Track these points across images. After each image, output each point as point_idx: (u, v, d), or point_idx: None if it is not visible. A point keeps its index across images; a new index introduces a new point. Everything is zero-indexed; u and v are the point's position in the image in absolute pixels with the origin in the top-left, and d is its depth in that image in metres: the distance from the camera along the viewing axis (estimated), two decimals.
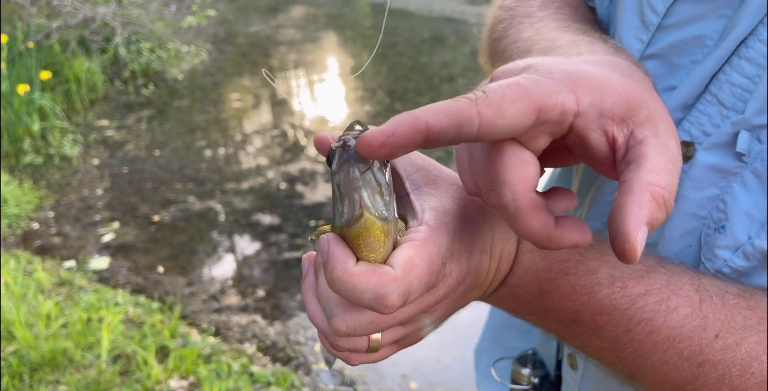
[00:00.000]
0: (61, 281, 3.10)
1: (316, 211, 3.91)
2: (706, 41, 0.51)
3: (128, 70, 6.62)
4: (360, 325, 0.40)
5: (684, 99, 0.51)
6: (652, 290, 0.43)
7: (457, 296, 0.45)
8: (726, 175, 0.48)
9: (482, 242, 0.44)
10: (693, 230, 0.50)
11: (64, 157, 4.82)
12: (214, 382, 2.36)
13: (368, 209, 0.39)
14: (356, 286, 0.37)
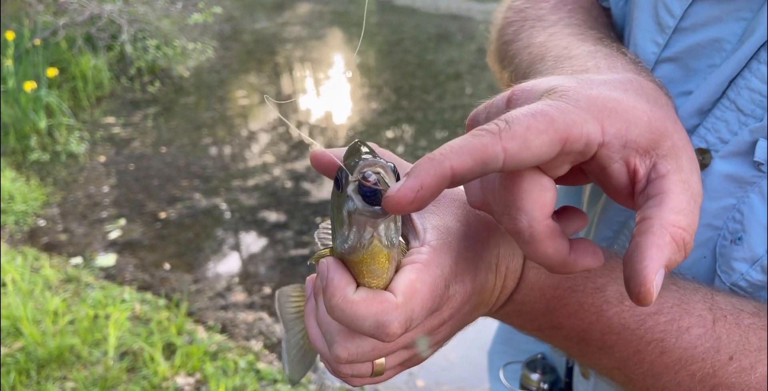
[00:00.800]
0: (68, 278, 3.10)
1: (322, 208, 3.90)
2: (724, 45, 0.50)
3: (134, 68, 6.63)
4: (362, 352, 0.39)
5: (700, 105, 0.49)
6: (663, 309, 0.42)
7: (461, 316, 0.44)
8: (743, 184, 0.46)
9: (487, 259, 0.42)
10: (707, 240, 0.48)
11: (70, 154, 4.84)
12: (221, 379, 2.36)
13: (380, 239, 0.37)
14: (356, 314, 0.36)
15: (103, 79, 6.24)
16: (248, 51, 8.18)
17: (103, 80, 6.25)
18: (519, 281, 0.44)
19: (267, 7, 11.31)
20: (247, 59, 7.76)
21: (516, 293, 0.45)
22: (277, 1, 11.84)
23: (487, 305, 0.45)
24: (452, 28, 8.84)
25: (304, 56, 7.82)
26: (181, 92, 6.47)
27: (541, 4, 0.63)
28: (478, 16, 9.44)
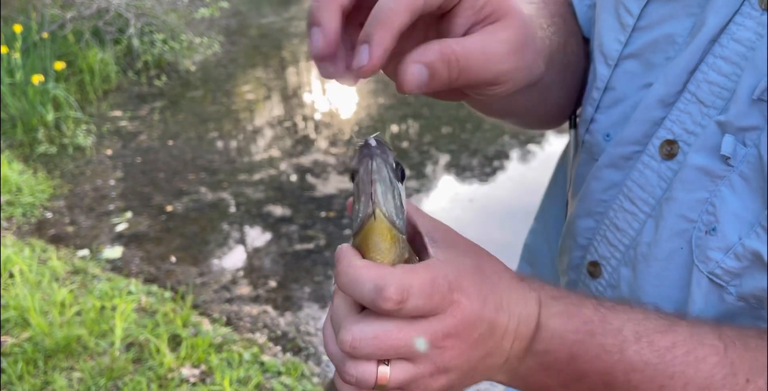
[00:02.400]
0: (75, 270, 3.13)
1: (327, 202, 3.92)
2: (677, 39, 0.54)
3: (141, 61, 6.65)
4: (365, 336, 0.41)
5: (661, 95, 0.52)
6: (678, 343, 0.44)
7: (470, 345, 0.43)
8: (714, 178, 0.48)
9: (497, 297, 0.44)
10: (683, 231, 0.50)
11: (77, 147, 4.86)
12: (226, 371, 2.38)
13: (379, 205, 0.41)
14: (358, 277, 0.40)
15: (110, 72, 6.27)
16: (255, 45, 8.18)
17: (110, 74, 6.27)
18: (536, 329, 0.45)
19: (273, 2, 11.31)
20: (253, 54, 7.77)
21: (537, 344, 0.45)
22: None
23: (501, 353, 0.45)
24: None
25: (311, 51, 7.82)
26: (188, 86, 6.48)
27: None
28: None
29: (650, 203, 0.54)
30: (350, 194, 0.44)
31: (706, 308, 0.50)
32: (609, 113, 0.60)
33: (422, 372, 0.43)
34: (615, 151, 0.57)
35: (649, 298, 0.54)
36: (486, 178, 4.32)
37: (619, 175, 0.57)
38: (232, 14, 9.36)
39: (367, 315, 0.43)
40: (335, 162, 4.54)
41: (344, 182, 4.19)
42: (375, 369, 0.42)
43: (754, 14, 0.47)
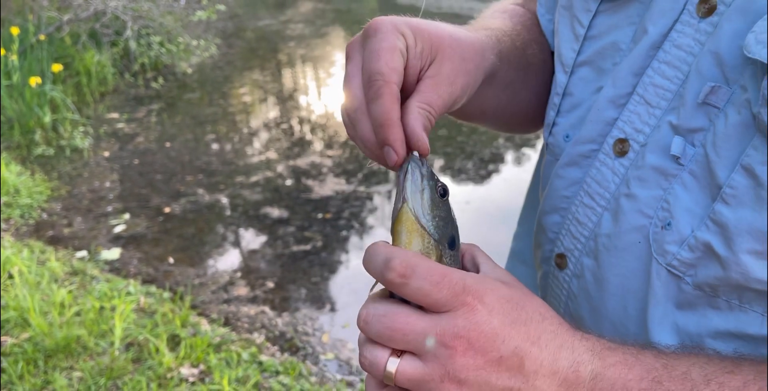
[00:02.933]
0: (73, 271, 3.15)
1: (324, 204, 3.95)
2: (621, 46, 0.59)
3: (138, 64, 6.67)
4: (376, 312, 0.46)
5: (611, 97, 0.57)
6: (749, 382, 0.44)
7: (489, 363, 0.44)
8: (668, 177, 0.52)
9: (533, 331, 0.45)
10: (641, 227, 0.54)
11: (75, 149, 4.88)
12: (224, 370, 2.41)
13: (407, 201, 0.48)
14: (376, 250, 0.46)
15: (106, 74, 6.28)
16: (251, 48, 8.21)
17: (107, 76, 6.29)
18: (591, 380, 0.45)
19: (269, 5, 11.34)
20: (250, 56, 7.80)
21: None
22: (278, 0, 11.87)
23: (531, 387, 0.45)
24: None
25: (307, 54, 7.86)
26: (185, 88, 6.51)
27: (494, 13, 0.78)
28: None
29: (606, 197, 0.58)
30: (347, 196, 0.50)
31: (666, 296, 0.52)
32: (568, 116, 0.65)
33: (431, 374, 0.44)
34: (574, 151, 0.61)
35: (612, 287, 0.57)
36: (482, 180, 4.36)
37: (579, 173, 0.61)
38: (229, 17, 9.39)
39: (386, 298, 0.47)
40: (332, 164, 4.58)
41: (341, 184, 4.22)
42: (386, 356, 0.45)
43: (692, 22, 0.52)
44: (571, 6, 0.64)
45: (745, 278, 0.47)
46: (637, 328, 0.55)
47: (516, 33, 0.71)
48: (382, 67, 0.50)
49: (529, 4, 0.82)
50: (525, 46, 0.71)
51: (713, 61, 0.49)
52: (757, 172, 0.45)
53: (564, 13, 0.65)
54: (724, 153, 0.47)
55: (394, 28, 0.53)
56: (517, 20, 0.75)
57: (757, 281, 0.46)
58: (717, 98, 0.49)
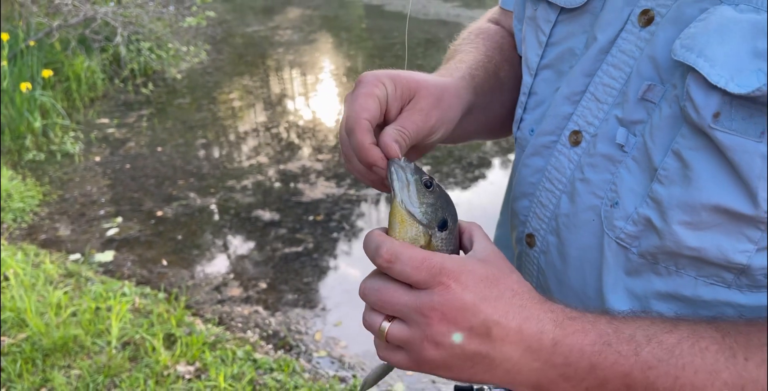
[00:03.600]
0: (68, 273, 3.19)
1: (314, 207, 4.02)
2: (576, 51, 0.68)
3: (128, 69, 6.71)
4: (372, 286, 0.57)
5: (567, 95, 0.67)
6: (683, 338, 0.51)
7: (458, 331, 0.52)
8: (614, 162, 0.60)
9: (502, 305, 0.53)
10: (594, 206, 0.62)
11: (65, 153, 4.91)
12: (220, 367, 2.47)
13: (396, 196, 0.57)
14: (370, 237, 0.56)
15: (96, 80, 6.32)
16: (240, 54, 8.28)
17: (97, 81, 6.32)
18: (552, 346, 0.52)
19: (257, 11, 11.42)
20: (239, 62, 7.86)
21: (556, 357, 0.52)
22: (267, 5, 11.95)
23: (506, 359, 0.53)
24: (441, 33, 9.00)
25: (295, 60, 7.94)
26: (175, 94, 6.55)
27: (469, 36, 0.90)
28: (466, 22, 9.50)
29: (563, 182, 0.66)
30: (337, 199, 0.60)
31: (616, 265, 0.61)
32: (533, 113, 0.74)
33: (414, 336, 0.54)
34: (537, 142, 0.70)
35: (572, 260, 0.66)
36: (469, 184, 4.46)
37: (542, 162, 0.69)
38: (218, 23, 9.45)
39: (383, 276, 0.57)
40: (322, 168, 4.65)
41: (331, 187, 4.30)
42: (380, 320, 0.56)
43: (634, 31, 0.60)
44: (535, 17, 0.73)
45: (678, 246, 0.56)
46: (594, 294, 0.64)
47: (488, 59, 0.82)
48: (355, 108, 0.62)
49: (503, 20, 0.92)
50: (497, 69, 0.82)
51: (650, 63, 0.58)
52: (684, 156, 0.53)
53: (530, 23, 0.75)
54: (659, 141, 0.56)
55: (375, 79, 0.64)
56: (491, 44, 0.86)
57: (688, 248, 0.55)
58: (653, 95, 0.57)
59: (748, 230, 0.52)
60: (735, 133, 0.50)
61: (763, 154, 0.49)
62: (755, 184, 0.50)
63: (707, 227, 0.54)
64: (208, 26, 7.78)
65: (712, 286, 0.57)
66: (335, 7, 11.64)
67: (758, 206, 0.50)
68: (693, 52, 0.51)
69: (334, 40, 9.32)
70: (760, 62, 0.48)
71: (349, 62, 7.98)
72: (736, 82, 0.49)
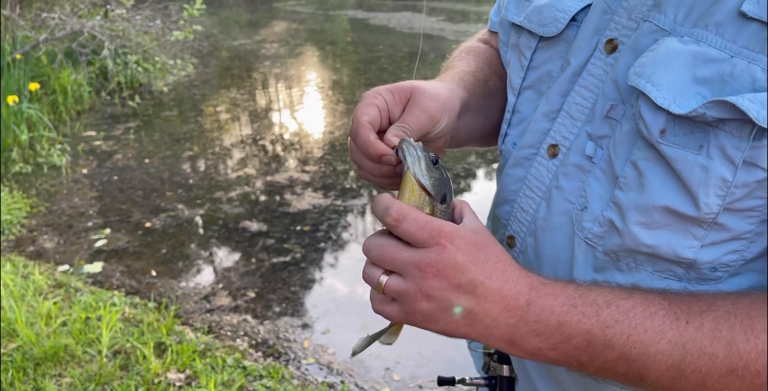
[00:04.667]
0: (57, 284, 3.21)
1: (301, 217, 4.08)
2: (553, 74, 0.76)
3: (114, 82, 6.75)
4: (375, 243, 0.63)
5: (545, 112, 0.75)
6: (636, 304, 0.59)
7: (452, 287, 0.58)
8: (585, 172, 0.68)
9: (488, 268, 0.60)
10: (567, 211, 0.70)
11: (52, 166, 4.93)
12: (210, 375, 2.51)
13: (410, 168, 0.65)
14: (381, 199, 0.63)
15: (83, 93, 6.35)
16: (226, 67, 8.35)
17: (83, 94, 6.36)
18: (527, 305, 0.60)
19: (244, 25, 11.51)
20: (225, 75, 7.93)
21: (529, 315, 0.60)
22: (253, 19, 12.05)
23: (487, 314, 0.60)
24: (425, 47, 9.14)
25: (282, 73, 8.02)
26: (162, 107, 6.60)
27: (462, 50, 1.00)
28: (450, 37, 9.77)
29: (542, 189, 0.74)
30: (324, 209, 0.67)
31: (585, 263, 0.69)
32: (516, 128, 0.82)
33: (409, 288, 0.60)
34: (519, 154, 0.78)
35: (546, 259, 0.73)
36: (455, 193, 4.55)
37: (522, 172, 0.77)
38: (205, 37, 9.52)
39: (386, 234, 0.64)
40: (308, 179, 4.72)
41: (318, 198, 4.36)
42: (379, 274, 0.63)
43: (601, 57, 0.69)
44: (518, 44, 0.82)
45: (636, 244, 0.64)
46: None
47: (478, 70, 0.91)
48: (357, 115, 0.71)
49: (492, 41, 1.02)
50: (487, 79, 0.91)
51: (614, 86, 0.66)
52: (639, 165, 0.62)
53: (514, 49, 0.84)
54: (620, 153, 0.64)
55: (373, 92, 0.74)
56: (480, 59, 0.96)
57: (644, 245, 0.63)
58: (615, 113, 0.66)
59: (693, 228, 0.61)
60: (678, 146, 0.58)
61: (701, 165, 0.57)
62: (696, 189, 0.58)
63: (659, 226, 0.62)
64: (195, 40, 7.85)
65: (666, 280, 0.65)
66: (321, 21, 11.77)
67: (699, 209, 0.59)
68: (643, 78, 0.59)
69: (320, 53, 9.43)
70: (699, 87, 0.56)
71: (335, 75, 8.08)
72: (677, 103, 0.56)
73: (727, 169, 0.56)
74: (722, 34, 0.57)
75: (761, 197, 0.57)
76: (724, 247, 0.61)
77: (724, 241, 0.61)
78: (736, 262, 0.62)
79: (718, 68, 0.56)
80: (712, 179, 0.57)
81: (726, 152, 0.56)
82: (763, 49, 0.54)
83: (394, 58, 8.49)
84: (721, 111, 0.54)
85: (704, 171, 0.57)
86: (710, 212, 0.58)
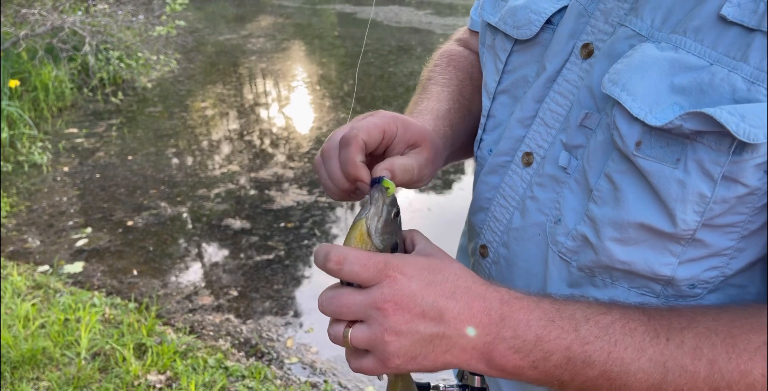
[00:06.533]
0: (36, 285, 3.16)
1: (285, 214, 4.04)
2: (529, 78, 0.73)
3: (96, 79, 6.66)
4: (327, 296, 0.58)
5: (520, 119, 0.71)
6: (616, 320, 0.57)
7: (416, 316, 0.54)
8: (560, 183, 0.65)
9: (448, 287, 0.56)
10: (540, 222, 0.67)
11: (33, 164, 4.86)
12: (191, 376, 2.48)
13: (366, 217, 0.60)
14: (321, 248, 0.58)
15: (64, 90, 6.26)
16: (212, 62, 8.26)
17: (65, 91, 6.26)
18: (500, 320, 0.56)
19: (229, 20, 11.40)
20: (210, 70, 7.85)
21: (505, 330, 0.56)
22: (239, 14, 11.94)
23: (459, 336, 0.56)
24: (413, 41, 9.09)
25: (268, 67, 7.95)
26: (145, 103, 6.52)
27: (441, 63, 0.94)
28: (438, 30, 9.72)
29: (516, 199, 0.71)
30: (308, 206, 0.63)
31: (559, 277, 0.65)
32: (491, 134, 0.78)
33: (375, 331, 0.55)
34: (494, 161, 0.75)
35: (519, 270, 0.70)
36: (442, 189, 4.53)
37: (497, 179, 0.74)
38: (189, 32, 9.42)
39: (335, 286, 0.60)
40: (293, 176, 4.67)
41: (302, 195, 4.32)
42: (342, 327, 0.58)
43: (577, 62, 0.65)
44: (493, 46, 0.78)
45: (611, 260, 0.60)
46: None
47: (459, 92, 0.87)
48: (362, 127, 0.65)
49: (471, 42, 0.97)
50: (470, 103, 0.87)
51: (588, 93, 0.62)
52: (614, 178, 0.58)
53: (489, 51, 0.80)
54: (594, 164, 0.61)
55: (391, 118, 0.69)
56: (461, 76, 0.91)
57: (620, 261, 0.60)
58: (590, 122, 0.62)
59: (670, 244, 0.57)
60: (654, 160, 0.54)
61: (678, 179, 0.53)
62: (672, 205, 0.55)
63: (635, 242, 0.59)
64: (179, 35, 7.76)
65: (643, 296, 0.62)
66: (308, 15, 11.68)
67: (676, 225, 0.55)
68: (618, 86, 0.55)
69: (307, 47, 9.35)
70: (676, 97, 0.52)
71: (322, 70, 8.02)
72: (654, 114, 0.53)
73: (705, 184, 0.53)
74: (701, 40, 0.53)
75: (742, 212, 0.54)
76: (703, 263, 0.58)
77: (703, 257, 0.58)
78: (716, 278, 0.59)
79: (696, 76, 0.52)
80: (689, 195, 0.54)
81: (704, 166, 0.52)
82: (745, 56, 0.50)
83: (380, 52, 8.44)
84: (699, 123, 0.51)
85: (681, 186, 0.54)
86: (688, 228, 0.55)
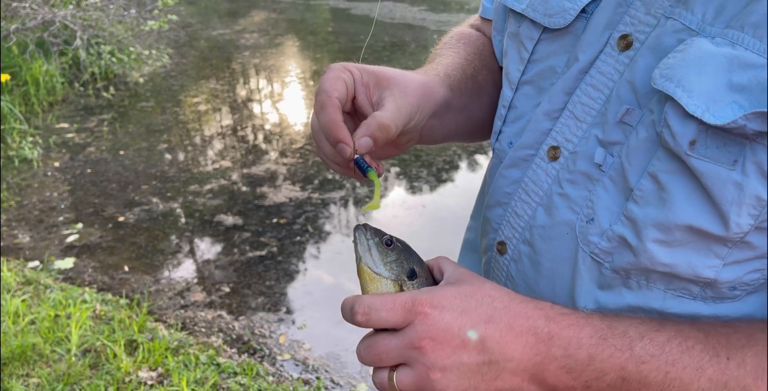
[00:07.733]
0: (26, 281, 3.14)
1: (277, 210, 4.03)
2: (557, 69, 0.70)
3: (88, 73, 6.60)
4: (364, 347, 0.59)
5: (547, 111, 0.69)
6: (671, 337, 0.55)
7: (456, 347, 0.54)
8: (593, 181, 0.63)
9: (484, 312, 0.55)
10: (569, 220, 0.65)
11: (23, 159, 4.82)
12: (183, 372, 2.46)
13: (361, 259, 0.62)
14: (345, 303, 0.59)
15: (55, 84, 6.20)
16: (204, 57, 8.21)
17: (56, 86, 6.21)
18: (548, 339, 0.55)
19: (222, 15, 11.34)
20: (203, 65, 7.80)
21: (555, 349, 0.55)
22: (232, 9, 11.87)
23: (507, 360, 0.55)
24: (407, 37, 9.07)
25: (261, 63, 7.91)
26: (137, 98, 6.47)
27: (450, 40, 0.92)
28: (432, 26, 9.70)
29: (539, 194, 0.68)
30: (301, 202, 0.62)
31: (589, 278, 0.63)
32: (512, 126, 0.76)
33: (419, 372, 0.55)
34: (515, 155, 0.72)
35: (545, 270, 0.68)
36: (436, 186, 4.52)
37: (519, 173, 0.71)
38: (181, 27, 9.36)
39: (369, 335, 0.60)
40: (286, 171, 4.66)
41: (295, 191, 4.31)
42: (386, 374, 0.57)
43: (613, 54, 0.63)
44: (518, 33, 0.75)
45: (652, 263, 0.59)
46: (565, 303, 0.65)
47: (468, 62, 0.84)
48: (325, 87, 0.65)
49: (484, 28, 0.95)
50: (476, 73, 0.84)
51: (629, 88, 0.60)
52: (660, 178, 0.56)
53: (513, 39, 0.76)
54: (635, 163, 0.58)
55: (341, 66, 0.68)
56: (471, 49, 0.88)
57: (662, 264, 0.58)
58: (631, 118, 0.60)
59: (716, 246, 0.56)
60: (709, 160, 0.52)
61: (735, 181, 0.52)
62: (727, 208, 0.53)
63: (679, 244, 0.57)
64: (171, 30, 7.70)
65: (680, 298, 0.61)
66: (301, 11, 11.63)
67: (729, 229, 0.54)
68: (672, 82, 0.53)
69: (300, 43, 9.32)
70: (735, 95, 0.50)
71: (315, 65, 7.99)
72: (711, 113, 0.51)
73: (764, 187, 0.51)
74: (761, 37, 0.51)
75: None
76: (747, 266, 0.57)
77: (748, 259, 0.57)
78: (757, 280, 0.58)
79: (756, 75, 0.50)
80: (746, 198, 0.52)
81: (764, 169, 0.51)
82: None
83: (374, 48, 8.42)
84: (764, 124, 0.49)
85: (738, 188, 0.52)
86: (740, 231, 0.54)
